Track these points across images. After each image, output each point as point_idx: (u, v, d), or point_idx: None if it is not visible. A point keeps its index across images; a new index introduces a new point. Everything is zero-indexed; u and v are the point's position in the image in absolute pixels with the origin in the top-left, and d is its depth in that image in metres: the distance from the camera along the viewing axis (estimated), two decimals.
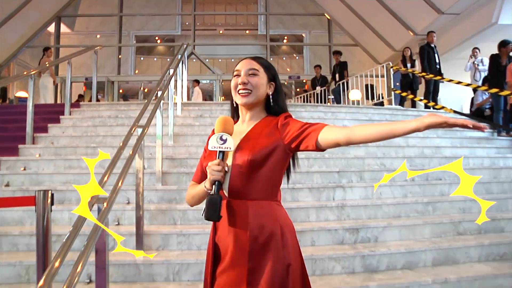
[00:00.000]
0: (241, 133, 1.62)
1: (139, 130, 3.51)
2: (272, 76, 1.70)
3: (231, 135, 1.51)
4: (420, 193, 4.52)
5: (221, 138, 1.49)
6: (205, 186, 1.52)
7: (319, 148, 1.50)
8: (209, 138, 1.61)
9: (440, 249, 3.50)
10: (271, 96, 1.68)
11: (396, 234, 3.75)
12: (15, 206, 3.29)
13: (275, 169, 1.57)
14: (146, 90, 16.55)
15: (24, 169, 4.72)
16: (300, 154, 5.12)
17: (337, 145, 1.49)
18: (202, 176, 1.70)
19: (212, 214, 1.44)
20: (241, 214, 1.53)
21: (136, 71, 18.81)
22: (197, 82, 13.24)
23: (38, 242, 2.36)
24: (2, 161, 4.83)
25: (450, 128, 1.29)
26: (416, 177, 4.84)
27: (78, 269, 1.72)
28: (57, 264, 1.69)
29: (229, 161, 1.56)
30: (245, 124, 1.66)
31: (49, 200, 2.38)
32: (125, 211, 3.81)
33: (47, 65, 7.04)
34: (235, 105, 1.75)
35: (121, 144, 3.20)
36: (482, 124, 1.22)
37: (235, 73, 1.69)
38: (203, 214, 1.46)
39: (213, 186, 1.47)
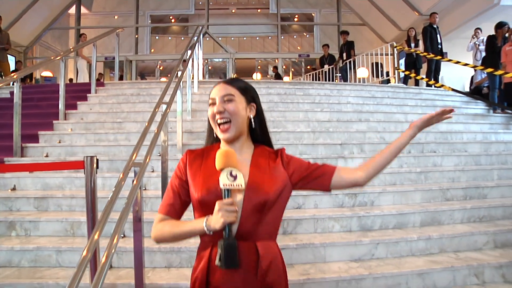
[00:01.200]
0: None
1: (163, 107, 4.00)
2: (251, 97, 1.60)
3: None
4: (414, 164, 4.97)
5: (231, 174, 1.37)
6: (206, 227, 1.37)
7: (329, 189, 1.57)
8: (181, 165, 1.57)
9: (427, 211, 3.94)
10: (252, 119, 1.58)
11: (390, 199, 4.21)
12: (67, 169, 3.84)
13: (282, 208, 1.53)
14: (161, 68, 17.01)
15: (60, 142, 5.25)
16: (306, 128, 5.59)
17: (355, 185, 1.56)
18: (179, 209, 1.56)
19: (232, 261, 1.35)
20: (250, 258, 1.43)
21: (152, 50, 19.25)
22: None
23: (87, 199, 2.87)
24: (41, 135, 5.38)
25: (439, 121, 1.60)
26: (412, 149, 5.31)
27: (116, 236, 1.95)
28: (96, 237, 1.91)
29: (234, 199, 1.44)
30: (237, 153, 1.50)
31: (94, 165, 2.89)
32: (151, 178, 4.33)
33: (71, 49, 7.54)
34: (215, 135, 1.61)
35: (146, 124, 3.63)
36: (448, 109, 1.57)
37: (210, 101, 1.58)
38: (221, 263, 1.36)
39: (226, 227, 1.36)
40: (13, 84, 4.88)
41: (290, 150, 2.38)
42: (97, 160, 2.89)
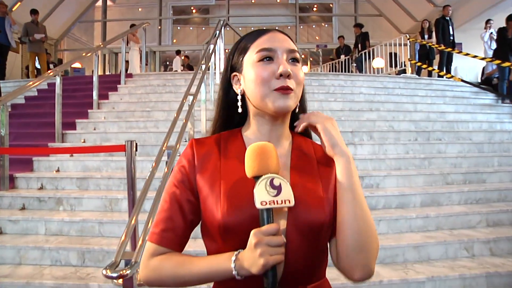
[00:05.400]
0: None
1: (190, 97, 4.47)
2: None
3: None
4: (419, 151, 5.33)
5: (271, 185, 0.84)
6: (235, 270, 0.84)
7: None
8: (184, 163, 0.99)
9: (427, 193, 4.31)
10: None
11: (394, 182, 4.59)
12: (111, 152, 4.35)
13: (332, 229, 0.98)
14: (184, 58, 17.53)
15: (95, 129, 5.81)
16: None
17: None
18: (182, 235, 0.97)
19: None
20: None
21: (174, 41, 19.76)
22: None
23: (128, 178, 3.32)
24: (78, 122, 5.94)
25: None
26: (419, 137, 5.68)
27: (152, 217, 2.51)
28: (133, 221, 2.20)
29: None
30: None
31: (134, 148, 3.37)
32: None
33: (101, 45, 8.06)
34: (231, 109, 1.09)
35: (175, 115, 4.02)
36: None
37: (263, 53, 0.96)
38: None
39: (268, 273, 0.81)
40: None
41: None
42: (136, 144, 3.37)
